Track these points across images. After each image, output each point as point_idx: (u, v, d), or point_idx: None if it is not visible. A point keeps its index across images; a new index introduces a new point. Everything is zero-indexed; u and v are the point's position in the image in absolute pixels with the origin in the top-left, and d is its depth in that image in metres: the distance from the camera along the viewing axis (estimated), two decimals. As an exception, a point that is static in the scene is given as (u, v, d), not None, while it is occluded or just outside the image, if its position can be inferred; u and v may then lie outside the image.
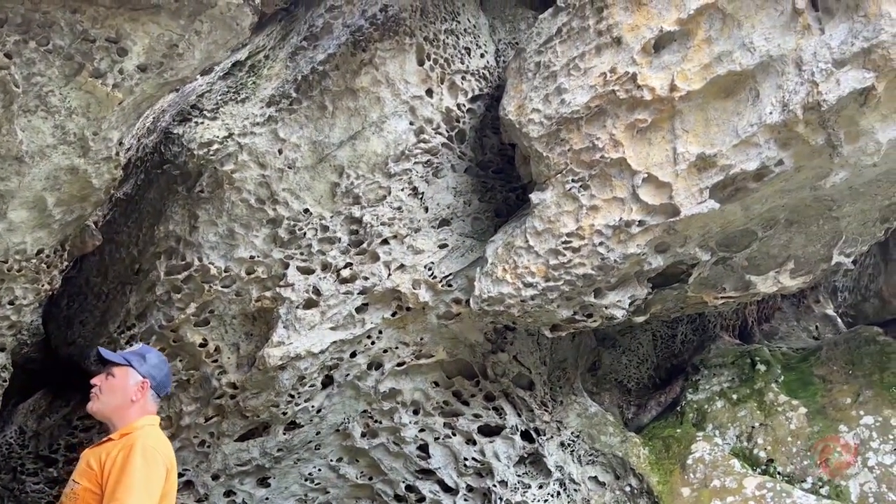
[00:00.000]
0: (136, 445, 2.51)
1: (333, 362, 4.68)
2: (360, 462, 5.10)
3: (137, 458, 2.46)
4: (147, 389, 2.76)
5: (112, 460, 2.49)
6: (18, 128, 3.62)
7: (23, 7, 3.42)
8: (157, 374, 2.83)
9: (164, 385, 2.91)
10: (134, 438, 2.57)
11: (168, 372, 2.97)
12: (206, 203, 4.52)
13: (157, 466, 2.50)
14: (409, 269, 4.57)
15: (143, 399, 2.75)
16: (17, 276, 4.23)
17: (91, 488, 2.49)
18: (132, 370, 2.77)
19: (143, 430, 2.65)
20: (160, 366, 2.90)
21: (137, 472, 2.42)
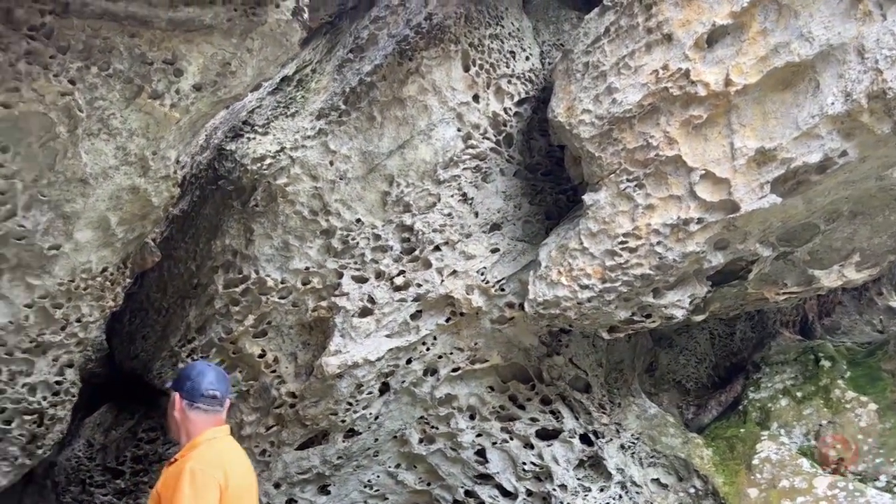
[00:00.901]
0: (184, 472, 2.53)
1: (390, 369, 4.71)
2: (418, 468, 5.12)
3: (185, 486, 2.48)
4: (180, 404, 2.76)
5: (169, 488, 2.53)
6: (83, 151, 3.73)
7: (84, 34, 3.53)
8: (186, 384, 2.80)
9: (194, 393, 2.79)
10: (185, 461, 2.59)
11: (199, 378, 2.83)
12: (260, 217, 4.60)
13: (205, 490, 2.51)
14: (462, 275, 4.57)
15: (183, 414, 2.75)
16: (83, 295, 4.36)
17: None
18: (174, 392, 2.82)
19: (199, 448, 2.65)
20: (189, 374, 2.84)
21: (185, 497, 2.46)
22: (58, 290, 4.18)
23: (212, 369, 2.94)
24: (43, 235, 3.91)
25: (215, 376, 2.88)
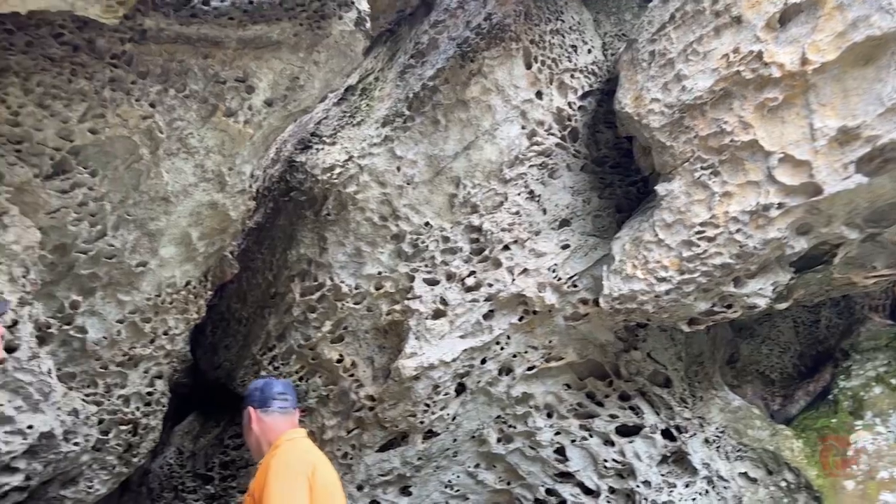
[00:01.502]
0: (270, 467, 2.63)
1: (465, 370, 4.73)
2: (497, 467, 5.13)
3: (272, 479, 2.57)
4: (254, 414, 2.84)
5: (259, 485, 2.62)
6: (164, 170, 3.90)
7: (161, 58, 3.69)
8: (255, 394, 2.91)
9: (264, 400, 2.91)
10: (269, 458, 2.68)
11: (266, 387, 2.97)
12: (332, 225, 4.70)
13: (293, 481, 2.58)
14: (533, 273, 4.56)
15: (259, 423, 2.83)
16: (169, 308, 4.55)
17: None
18: (244, 410, 2.91)
19: (280, 447, 2.75)
20: (255, 386, 2.99)
21: (275, 490, 2.53)
22: (146, 304, 4.38)
23: (277, 380, 3.10)
24: (131, 253, 4.10)
25: (282, 384, 3.04)
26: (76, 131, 3.53)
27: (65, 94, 3.44)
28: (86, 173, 3.68)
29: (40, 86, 3.38)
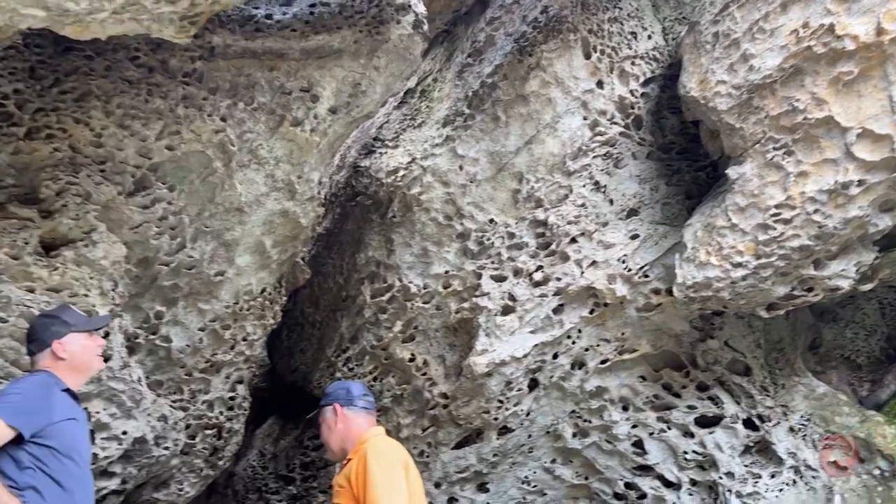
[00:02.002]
0: (367, 454, 2.67)
1: (537, 365, 4.72)
2: (574, 462, 5.09)
3: (372, 462, 2.61)
4: (340, 410, 2.89)
5: (356, 474, 2.68)
6: (237, 182, 4.04)
7: (229, 74, 3.83)
8: (340, 393, 2.97)
9: (351, 399, 2.93)
10: (364, 449, 2.74)
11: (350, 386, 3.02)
12: (399, 227, 4.77)
13: (391, 464, 2.64)
14: (602, 265, 4.51)
15: (345, 420, 2.88)
16: (247, 315, 4.70)
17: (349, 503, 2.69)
18: (324, 408, 2.96)
19: (370, 441, 2.81)
20: (340, 386, 3.05)
21: (376, 474, 2.57)
22: (225, 312, 4.54)
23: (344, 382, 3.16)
24: (209, 263, 4.26)
25: (362, 385, 3.10)
26: (154, 149, 3.69)
27: (142, 114, 3.60)
28: (164, 188, 3.85)
29: (120, 107, 3.55)
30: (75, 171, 3.47)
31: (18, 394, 2.37)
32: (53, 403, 2.41)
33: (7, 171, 3.40)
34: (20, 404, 2.33)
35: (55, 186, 3.42)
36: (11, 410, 2.29)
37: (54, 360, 2.53)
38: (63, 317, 2.60)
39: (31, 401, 2.35)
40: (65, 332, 2.55)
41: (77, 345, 2.56)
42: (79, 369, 2.59)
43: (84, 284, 3.52)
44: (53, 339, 2.53)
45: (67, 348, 2.55)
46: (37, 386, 2.43)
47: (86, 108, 3.49)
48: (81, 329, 2.60)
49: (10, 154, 3.36)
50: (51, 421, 2.36)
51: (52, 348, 2.52)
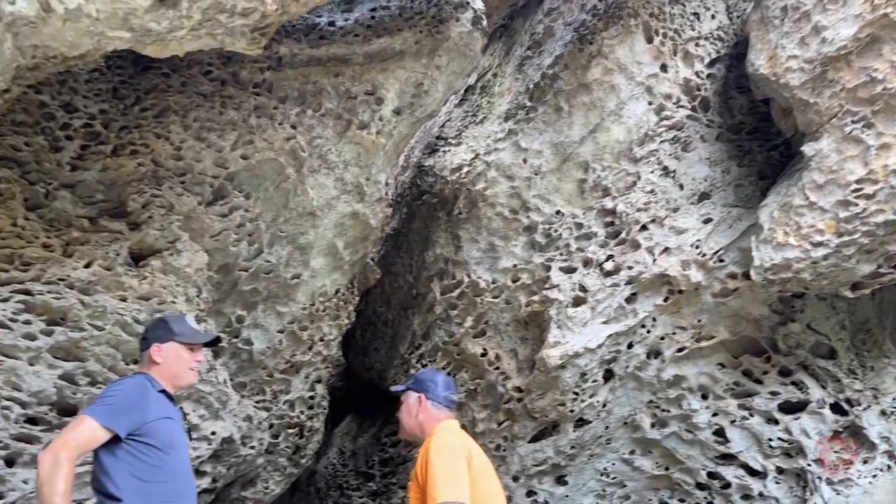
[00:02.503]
0: (430, 448, 2.73)
1: (611, 355, 4.68)
2: (653, 453, 5.02)
3: (433, 457, 2.66)
4: (424, 402, 2.93)
5: (420, 466, 2.75)
6: (309, 187, 4.16)
7: (297, 82, 3.94)
8: (430, 386, 3.01)
9: (439, 394, 2.98)
10: (427, 443, 2.80)
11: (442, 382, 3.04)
12: (465, 223, 4.81)
13: (452, 458, 2.65)
14: (675, 251, 4.44)
15: (426, 411, 2.92)
16: (322, 316, 4.83)
17: (417, 495, 2.76)
18: (410, 392, 3.00)
19: (436, 433, 2.85)
20: (433, 379, 3.06)
21: (436, 468, 2.61)
22: (302, 314, 4.67)
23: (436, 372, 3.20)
24: (285, 267, 4.40)
25: (453, 384, 3.13)
26: (230, 159, 3.84)
27: (218, 126, 3.75)
28: (241, 196, 4.00)
29: (196, 121, 3.72)
30: (158, 183, 3.64)
31: (115, 395, 2.49)
32: (149, 403, 2.51)
33: (97, 186, 3.59)
34: (116, 406, 2.44)
35: (141, 199, 3.60)
36: (108, 412, 2.41)
37: (151, 362, 2.66)
38: (172, 324, 2.70)
39: (126, 401, 2.46)
40: (167, 339, 2.65)
41: (174, 353, 2.65)
42: (171, 377, 2.66)
43: (171, 292, 3.69)
44: (154, 343, 2.65)
45: (163, 354, 2.64)
46: (132, 387, 2.54)
47: (165, 123, 3.66)
48: (183, 340, 2.68)
49: (99, 171, 3.56)
50: (146, 420, 2.46)
51: (151, 351, 2.65)
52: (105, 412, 2.40)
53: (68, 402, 3.50)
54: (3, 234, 3.29)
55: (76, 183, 3.56)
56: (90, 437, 2.36)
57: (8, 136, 3.36)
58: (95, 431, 2.36)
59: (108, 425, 2.38)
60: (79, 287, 3.41)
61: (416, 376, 3.07)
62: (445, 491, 2.52)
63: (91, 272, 3.42)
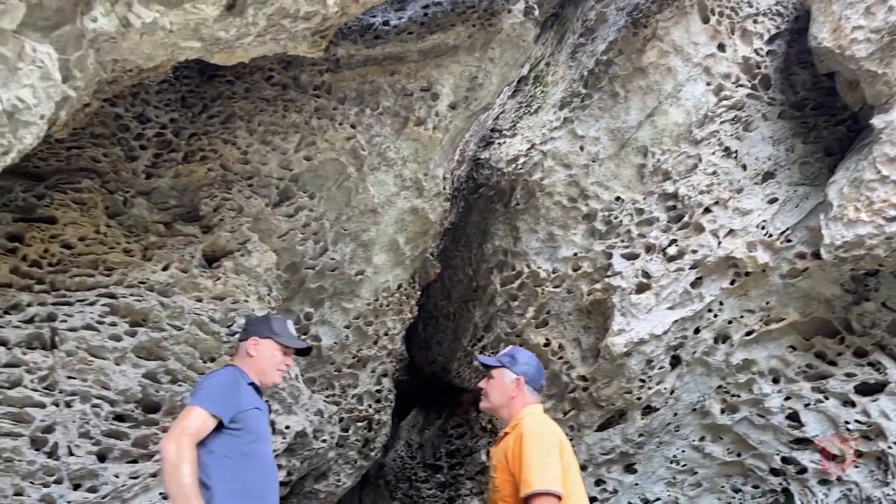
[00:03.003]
0: (524, 433, 2.71)
1: (678, 341, 4.63)
2: (724, 439, 4.95)
3: (527, 442, 2.66)
4: (522, 385, 2.93)
5: (512, 451, 2.73)
6: (370, 184, 4.24)
7: (354, 83, 4.03)
8: (529, 370, 2.99)
9: (537, 379, 3.00)
10: (521, 427, 2.78)
11: (538, 367, 3.05)
12: (523, 214, 4.82)
13: (547, 446, 2.66)
14: (740, 233, 4.36)
15: (521, 394, 2.92)
16: (386, 311, 4.92)
17: (506, 478, 2.76)
18: (506, 370, 2.97)
19: (527, 418, 2.85)
20: (530, 362, 3.03)
21: (532, 453, 2.61)
22: (367, 309, 4.77)
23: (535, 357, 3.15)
24: (349, 264, 4.50)
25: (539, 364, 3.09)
26: (294, 160, 3.95)
27: (281, 129, 3.87)
28: (305, 197, 4.11)
29: (261, 125, 3.84)
30: (228, 187, 3.78)
31: (214, 386, 2.63)
32: (242, 393, 2.65)
33: (170, 193, 3.75)
34: (217, 395, 2.58)
35: (212, 203, 3.74)
36: (212, 401, 2.54)
37: (245, 355, 2.79)
38: (273, 323, 2.84)
39: (225, 391, 2.60)
40: (265, 335, 2.80)
41: (268, 351, 2.79)
42: (259, 372, 2.79)
43: (244, 291, 3.82)
44: (252, 336, 2.79)
45: (258, 349, 2.79)
46: (227, 378, 2.68)
47: (231, 128, 3.79)
48: (280, 341, 2.82)
49: (172, 178, 3.71)
50: (241, 408, 2.60)
51: (248, 343, 2.78)
52: (210, 401, 2.55)
53: (152, 399, 3.67)
54: (88, 241, 3.47)
55: (151, 190, 3.73)
56: (201, 425, 2.50)
57: (88, 149, 3.54)
58: (206, 420, 2.51)
59: (214, 413, 2.52)
60: (158, 289, 3.56)
61: (514, 356, 3.02)
62: (541, 479, 2.53)
63: (169, 275, 3.58)
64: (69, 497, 3.45)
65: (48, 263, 3.45)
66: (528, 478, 2.54)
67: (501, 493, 2.71)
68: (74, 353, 3.40)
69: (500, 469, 2.75)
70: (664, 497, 5.13)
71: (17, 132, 2.20)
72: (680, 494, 5.15)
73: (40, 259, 3.44)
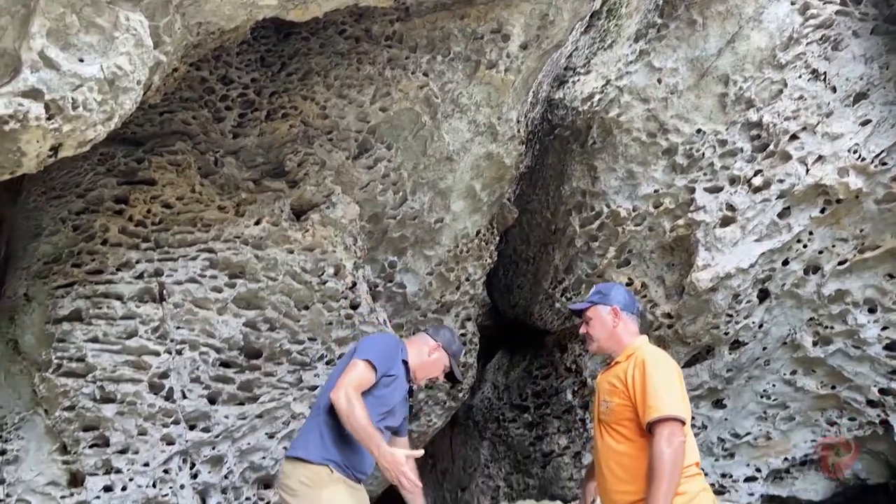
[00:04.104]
0: (646, 359, 2.73)
1: (766, 274, 4.52)
2: (817, 372, 4.83)
3: (651, 368, 2.67)
4: (620, 313, 2.93)
5: (632, 376, 2.73)
6: (444, 132, 4.30)
7: (425, 30, 4.05)
8: (620, 297, 3.00)
9: (631, 304, 3.02)
10: (642, 354, 2.79)
11: (628, 293, 3.07)
12: (600, 153, 4.76)
13: (670, 370, 2.71)
14: (830, 158, 4.18)
15: (622, 322, 2.93)
16: (466, 257, 5.02)
17: (622, 402, 2.75)
18: (600, 306, 2.99)
19: (644, 346, 2.87)
20: (619, 290, 3.06)
21: (658, 377, 2.64)
22: (448, 256, 4.89)
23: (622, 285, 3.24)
24: (428, 212, 4.61)
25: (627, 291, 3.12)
26: (370, 112, 4.05)
27: (356, 82, 3.95)
28: (383, 148, 4.21)
29: (337, 79, 3.93)
30: (309, 142, 3.92)
31: (377, 343, 2.93)
32: (396, 359, 2.93)
33: (256, 151, 3.93)
34: (378, 351, 2.85)
35: (296, 158, 3.90)
36: (373, 356, 2.81)
37: (424, 348, 3.08)
38: (454, 347, 3.14)
39: (384, 350, 2.89)
40: (449, 353, 3.10)
41: (441, 364, 3.10)
42: (420, 367, 3.07)
43: (331, 242, 4.00)
44: (439, 344, 3.09)
45: (437, 355, 3.08)
46: (389, 340, 3.04)
47: (309, 84, 3.91)
48: (451, 364, 3.12)
49: (257, 136, 3.88)
50: (388, 370, 2.85)
51: (433, 346, 3.08)
52: (372, 355, 2.81)
53: (253, 346, 3.93)
54: (185, 200, 3.70)
55: (239, 149, 3.91)
56: (365, 375, 2.76)
57: (178, 112, 3.74)
58: (368, 371, 2.76)
59: (377, 366, 2.78)
60: (252, 243, 3.77)
61: (602, 291, 3.05)
62: (671, 405, 2.55)
63: (261, 229, 3.78)
64: (186, 436, 3.77)
65: (151, 223, 3.71)
66: (656, 403, 2.56)
67: (617, 417, 2.73)
68: (181, 305, 3.67)
69: (617, 394, 2.75)
70: (755, 431, 5.08)
71: (117, 98, 2.36)
72: (772, 428, 5.09)
73: (144, 219, 3.70)
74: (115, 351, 3.58)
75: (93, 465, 3.63)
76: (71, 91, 2.21)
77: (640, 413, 2.61)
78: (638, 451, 2.61)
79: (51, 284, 3.59)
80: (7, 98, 2.11)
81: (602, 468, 2.74)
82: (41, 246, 3.66)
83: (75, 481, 3.72)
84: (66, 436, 3.64)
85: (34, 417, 3.77)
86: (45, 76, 2.15)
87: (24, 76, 2.12)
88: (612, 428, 2.72)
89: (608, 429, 2.74)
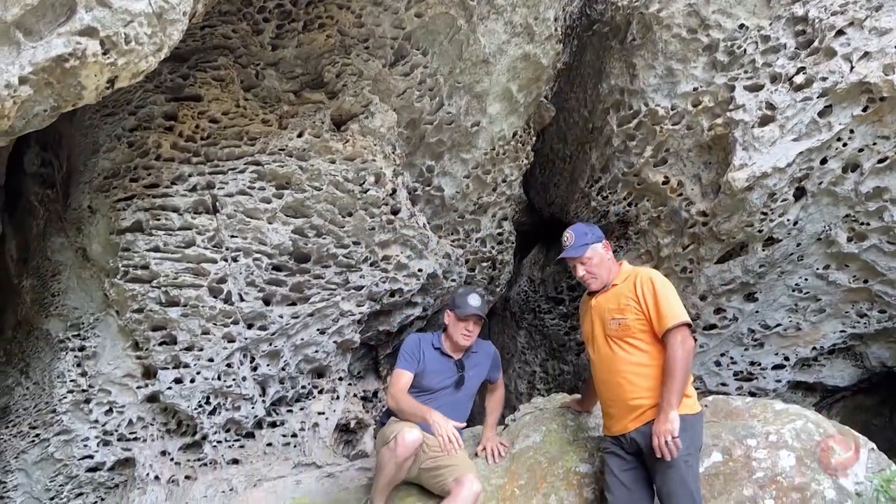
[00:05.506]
0: (652, 277, 2.99)
1: (803, 173, 4.52)
2: (850, 267, 4.91)
3: (658, 283, 2.95)
4: (608, 245, 3.20)
5: (642, 293, 2.97)
6: (480, 35, 4.27)
7: (459, -71, 3.94)
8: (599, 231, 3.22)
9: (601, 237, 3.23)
10: (643, 273, 3.04)
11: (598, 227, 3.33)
12: (639, 49, 4.68)
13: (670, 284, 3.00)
14: (877, 55, 4.06)
15: (610, 254, 3.19)
16: (503, 158, 5.10)
17: (637, 317, 2.97)
18: (594, 245, 3.14)
19: (638, 269, 3.14)
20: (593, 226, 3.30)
21: (666, 291, 2.93)
22: (484, 158, 4.97)
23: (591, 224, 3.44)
24: (465, 116, 4.66)
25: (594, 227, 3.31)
26: (405, 18, 4.03)
27: (391, -12, 3.92)
28: (418, 54, 4.22)
29: (371, -14, 3.90)
30: (346, 52, 3.95)
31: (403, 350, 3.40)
32: (422, 353, 3.37)
33: (295, 62, 3.98)
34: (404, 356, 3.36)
35: (334, 70, 3.95)
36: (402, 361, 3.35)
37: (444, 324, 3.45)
38: (455, 299, 3.43)
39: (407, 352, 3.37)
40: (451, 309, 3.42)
41: (450, 322, 3.41)
42: (449, 339, 3.41)
43: (371, 151, 4.12)
44: (447, 309, 3.46)
45: (448, 321, 3.43)
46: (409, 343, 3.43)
47: (344, -7, 3.89)
48: (456, 313, 3.36)
49: (295, 47, 3.93)
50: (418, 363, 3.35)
51: (446, 322, 3.44)
52: (401, 362, 3.35)
53: (302, 251, 4.17)
54: (231, 115, 3.83)
55: (278, 61, 3.97)
56: (402, 379, 3.31)
57: (218, 27, 3.79)
58: (403, 375, 3.31)
59: (406, 369, 3.33)
60: (296, 154, 3.92)
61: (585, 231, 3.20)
62: (682, 313, 2.87)
63: (304, 140, 3.91)
64: (245, 334, 4.10)
65: (200, 137, 3.86)
66: (670, 312, 2.85)
67: (631, 331, 2.96)
68: (234, 216, 3.89)
69: (630, 310, 2.97)
70: (785, 323, 5.26)
71: (166, 30, 2.46)
72: (802, 320, 5.26)
73: (193, 134, 3.86)
74: (176, 259, 3.85)
75: (163, 360, 4.01)
76: (123, 27, 2.32)
77: (655, 322, 2.88)
78: (651, 359, 2.88)
79: (112, 198, 3.82)
80: (66, 37, 2.23)
81: (616, 379, 2.96)
82: (100, 161, 3.87)
83: (148, 374, 4.12)
84: (138, 334, 4.00)
85: (107, 318, 4.14)
86: (99, 14, 2.25)
87: (79, 16, 2.23)
88: (624, 342, 2.96)
89: (619, 343, 2.97)
